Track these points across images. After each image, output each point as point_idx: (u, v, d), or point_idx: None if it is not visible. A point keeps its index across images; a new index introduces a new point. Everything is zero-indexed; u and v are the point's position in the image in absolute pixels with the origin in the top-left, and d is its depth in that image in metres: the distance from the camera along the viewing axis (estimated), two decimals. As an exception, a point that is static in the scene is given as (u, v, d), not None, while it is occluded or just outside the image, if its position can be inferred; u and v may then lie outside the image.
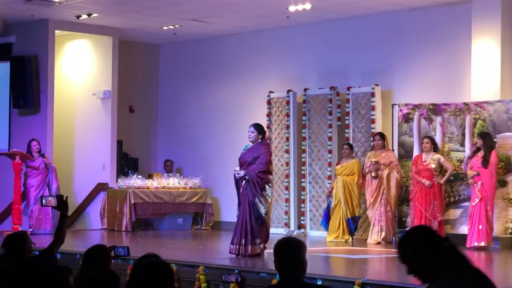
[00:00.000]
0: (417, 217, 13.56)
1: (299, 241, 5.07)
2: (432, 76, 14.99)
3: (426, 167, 13.62)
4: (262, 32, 17.36)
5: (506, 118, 13.56)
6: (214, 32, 17.66)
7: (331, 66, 16.30)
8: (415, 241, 4.27)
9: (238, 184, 11.75)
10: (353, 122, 15.52)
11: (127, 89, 18.18)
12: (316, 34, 16.64)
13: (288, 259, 4.96)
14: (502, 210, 13.39)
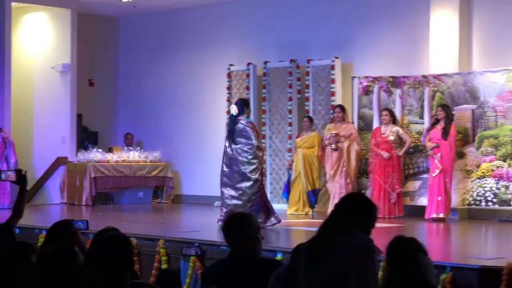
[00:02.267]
0: (376, 189, 13.66)
1: (248, 215, 5.05)
2: (391, 49, 15.03)
3: (385, 139, 13.71)
4: (222, 5, 17.29)
5: (464, 91, 13.67)
6: (174, 5, 17.56)
7: (291, 39, 16.28)
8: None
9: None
10: (313, 95, 15.55)
11: (86, 63, 18.03)
12: (276, 7, 16.60)
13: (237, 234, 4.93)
14: (460, 182, 13.53)
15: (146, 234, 10.52)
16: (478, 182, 13.40)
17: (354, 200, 4.96)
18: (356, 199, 5.00)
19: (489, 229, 12.40)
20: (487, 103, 13.42)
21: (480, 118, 13.51)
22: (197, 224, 12.31)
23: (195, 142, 17.62)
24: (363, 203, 4.90)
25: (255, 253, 4.95)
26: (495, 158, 13.29)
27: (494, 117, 13.37)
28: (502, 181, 13.16)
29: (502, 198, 13.17)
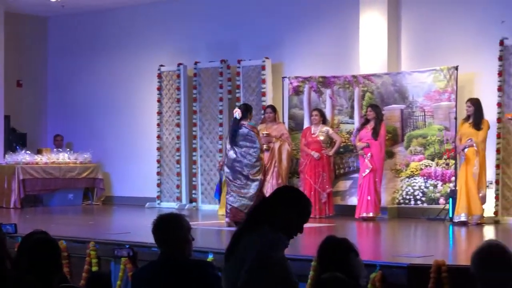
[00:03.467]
0: (307, 189, 13.71)
1: (178, 216, 5.02)
2: (321, 50, 15.14)
3: (315, 139, 13.79)
4: (152, 5, 17.20)
5: (393, 91, 13.83)
6: (104, 5, 17.42)
7: (221, 39, 16.28)
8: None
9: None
10: (243, 95, 15.57)
11: (14, 63, 17.76)
12: (206, 7, 16.58)
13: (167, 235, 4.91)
14: (389, 181, 13.69)
15: (76, 236, 10.40)
16: (407, 181, 13.58)
17: (284, 193, 4.95)
18: (287, 192, 4.98)
19: (418, 228, 12.56)
20: (416, 103, 13.61)
21: (409, 117, 13.68)
22: (128, 226, 12.23)
23: (126, 143, 17.49)
24: (293, 197, 4.88)
25: (185, 255, 4.92)
26: (423, 157, 13.48)
27: (423, 116, 13.56)
28: (431, 180, 13.36)
29: (430, 197, 13.36)
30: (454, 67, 13.20)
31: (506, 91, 12.98)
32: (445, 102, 13.32)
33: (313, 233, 11.50)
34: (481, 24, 13.54)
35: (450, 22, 13.87)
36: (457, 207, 12.42)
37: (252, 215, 4.97)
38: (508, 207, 12.86)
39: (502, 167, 12.90)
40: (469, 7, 13.71)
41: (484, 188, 12.49)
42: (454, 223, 12.33)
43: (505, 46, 13.02)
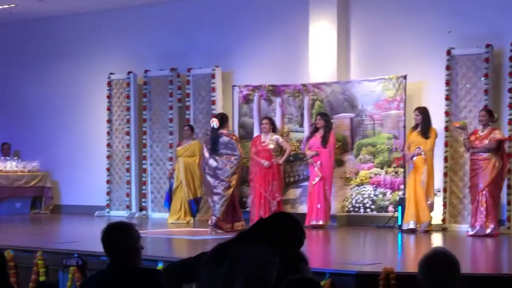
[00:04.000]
0: (257, 198, 13.72)
1: (128, 225, 4.99)
2: (271, 58, 15.18)
3: (265, 147, 13.80)
4: (102, 13, 17.10)
5: (343, 99, 13.92)
6: (54, 12, 17.27)
7: (171, 47, 16.25)
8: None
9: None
10: (193, 103, 15.55)
11: (-40, 70, 17.55)
12: (156, 16, 16.54)
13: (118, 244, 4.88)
14: (339, 189, 13.76)
15: (23, 245, 10.28)
16: (357, 189, 13.66)
17: (281, 219, 4.92)
18: (284, 219, 4.96)
19: (367, 235, 12.64)
20: (365, 111, 13.71)
21: (358, 126, 13.78)
22: (77, 235, 12.12)
23: (75, 152, 17.35)
24: (290, 225, 4.87)
25: (134, 263, 4.90)
26: (373, 166, 13.58)
27: (372, 125, 13.66)
28: (380, 188, 13.46)
29: (379, 205, 13.46)
30: (403, 76, 13.33)
31: (453, 100, 13.14)
32: (394, 111, 13.44)
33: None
34: (429, 34, 13.70)
35: (399, 31, 14.01)
36: (405, 215, 12.53)
37: (250, 232, 4.93)
38: (455, 215, 13.01)
39: (450, 175, 13.05)
40: (417, 18, 13.87)
41: (432, 196, 12.62)
42: (403, 231, 12.44)
43: (452, 56, 13.19)
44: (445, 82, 13.18)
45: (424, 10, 13.83)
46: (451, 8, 13.58)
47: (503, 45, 12.92)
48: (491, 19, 13.20)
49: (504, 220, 12.52)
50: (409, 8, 13.99)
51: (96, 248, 9.35)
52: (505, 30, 13.01)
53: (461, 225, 12.79)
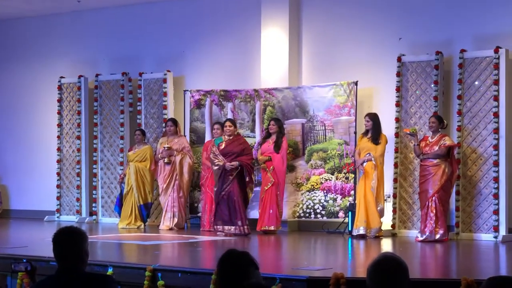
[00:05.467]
0: (208, 203, 13.72)
1: (77, 229, 4.97)
2: (223, 63, 15.20)
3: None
4: (52, 16, 16.98)
5: (294, 105, 13.97)
6: (3, 15, 17.08)
7: (123, 51, 16.18)
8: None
9: (225, 173, 12.97)
10: (145, 108, 15.49)
11: None
12: (108, 19, 16.46)
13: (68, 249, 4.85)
14: (291, 195, 13.81)
15: (-30, 251, 10.13)
16: (308, 195, 13.72)
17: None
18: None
19: (318, 241, 12.68)
20: (316, 117, 13.77)
21: (310, 131, 13.84)
22: (26, 240, 11.99)
23: (24, 156, 17.19)
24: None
25: (83, 268, 4.87)
26: (324, 171, 13.64)
27: (323, 131, 13.73)
28: (330, 194, 13.53)
29: (330, 210, 13.53)
30: (354, 82, 13.42)
31: (403, 106, 13.25)
32: (345, 117, 13.53)
33: (214, 246, 11.51)
34: (380, 40, 13.82)
35: (350, 38, 14.10)
36: (355, 221, 12.61)
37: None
38: (405, 220, 13.11)
39: (400, 181, 13.16)
40: (368, 24, 13.97)
41: (382, 202, 12.71)
42: (353, 236, 12.51)
43: (403, 63, 13.30)
44: (395, 88, 13.30)
45: (375, 17, 13.94)
46: (402, 16, 13.71)
47: (452, 52, 13.07)
48: (441, 26, 13.35)
49: (453, 226, 12.65)
50: (361, 15, 14.09)
51: (46, 253, 9.27)
52: (454, 37, 13.16)
53: (411, 231, 12.90)
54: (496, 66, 12.47)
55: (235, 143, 13.13)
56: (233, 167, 12.92)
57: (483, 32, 12.94)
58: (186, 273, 8.09)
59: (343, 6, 14.27)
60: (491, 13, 12.93)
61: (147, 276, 8.06)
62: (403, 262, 4.22)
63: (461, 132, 12.75)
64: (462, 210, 12.65)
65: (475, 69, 12.73)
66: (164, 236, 12.92)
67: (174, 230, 13.84)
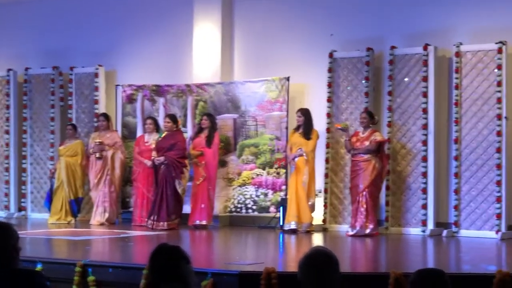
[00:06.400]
0: (139, 198, 13.69)
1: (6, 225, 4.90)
2: (155, 58, 15.13)
3: (149, 147, 13.74)
4: (-20, 8, 16.70)
5: (226, 100, 13.99)
6: None
7: (54, 45, 15.98)
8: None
9: (157, 168, 13.20)
10: (76, 102, 15.35)
11: None
12: (38, 12, 16.25)
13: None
14: (222, 190, 13.82)
15: None
16: (239, 190, 13.75)
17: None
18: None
19: (249, 236, 12.72)
20: (248, 112, 13.81)
21: (241, 127, 13.86)
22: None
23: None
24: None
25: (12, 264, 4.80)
26: (255, 166, 13.69)
27: (255, 126, 13.77)
28: (262, 189, 13.58)
29: (261, 205, 13.58)
30: (286, 78, 13.48)
31: (335, 102, 13.36)
32: (277, 112, 13.58)
33: (145, 241, 11.47)
34: (312, 36, 13.90)
35: (283, 34, 14.17)
36: (287, 216, 12.67)
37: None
38: (336, 215, 13.23)
39: (331, 176, 13.27)
40: (301, 20, 14.05)
41: (313, 197, 12.81)
42: (285, 231, 12.57)
43: (334, 59, 13.41)
44: (327, 84, 13.40)
45: (308, 13, 14.02)
46: (334, 12, 13.81)
47: (383, 48, 13.22)
48: (372, 23, 13.49)
49: (382, 221, 12.80)
50: (293, 11, 14.16)
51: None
52: (385, 34, 13.31)
53: (342, 226, 13.01)
54: (425, 63, 12.66)
55: (168, 139, 13.15)
56: (160, 161, 12.98)
57: (413, 29, 13.11)
58: (117, 268, 8.05)
59: (276, 2, 14.33)
60: (421, 10, 13.11)
61: (77, 271, 7.99)
62: (334, 256, 4.27)
63: (391, 127, 12.91)
64: (392, 204, 12.82)
65: (405, 66, 12.90)
66: (95, 231, 12.83)
67: (105, 225, 13.75)
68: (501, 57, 12.15)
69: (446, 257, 10.68)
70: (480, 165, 12.28)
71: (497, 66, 12.19)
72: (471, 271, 8.23)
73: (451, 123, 12.58)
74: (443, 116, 12.76)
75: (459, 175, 12.42)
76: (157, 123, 14.03)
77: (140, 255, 9.82)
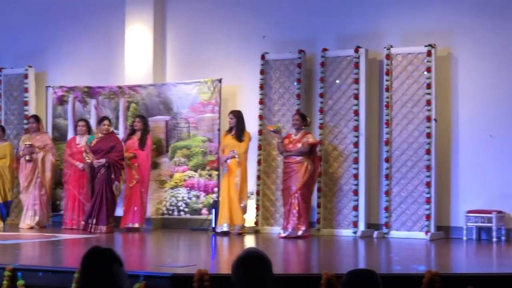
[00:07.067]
0: (71, 200, 13.56)
1: None
2: (87, 59, 15.01)
3: (80, 149, 13.61)
4: None
5: (158, 102, 13.93)
6: None
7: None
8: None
9: (94, 171, 13.01)
10: (5, 104, 15.13)
11: None
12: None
13: None
14: (154, 192, 13.76)
15: None
16: (171, 192, 13.70)
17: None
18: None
19: (181, 238, 12.68)
20: (180, 114, 13.77)
21: (174, 129, 13.82)
22: None
23: None
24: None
25: None
26: (187, 168, 13.66)
27: (187, 128, 13.74)
28: (194, 191, 13.56)
29: (193, 208, 13.55)
30: (218, 79, 13.49)
31: (267, 104, 13.41)
32: (209, 114, 13.58)
33: (77, 244, 11.36)
34: (244, 39, 13.94)
35: (215, 36, 14.17)
36: (219, 218, 12.68)
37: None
38: (268, 217, 13.27)
39: (263, 178, 13.31)
40: (233, 22, 14.08)
41: (246, 199, 12.83)
42: (217, 233, 12.58)
43: (266, 60, 13.46)
44: (259, 86, 13.44)
45: (240, 15, 14.06)
46: (266, 14, 13.86)
47: (315, 51, 13.31)
48: (304, 25, 13.57)
49: (314, 222, 12.89)
50: (226, 13, 14.18)
51: None
52: (317, 36, 13.41)
53: (274, 227, 13.06)
54: (356, 65, 12.79)
55: (106, 141, 13.07)
56: (100, 164, 12.82)
57: (344, 32, 13.24)
58: (48, 272, 7.95)
59: (208, 3, 14.33)
60: (352, 13, 13.24)
61: (6, 276, 7.87)
62: (267, 258, 4.28)
63: (323, 129, 13.00)
64: (324, 206, 12.91)
65: (336, 68, 13.01)
66: (25, 235, 12.66)
67: (36, 229, 13.57)
68: (431, 59, 12.33)
69: (377, 257, 10.80)
70: (410, 166, 12.45)
71: (426, 68, 12.38)
72: (401, 272, 8.35)
73: (382, 125, 12.73)
74: (374, 118, 12.90)
75: (389, 176, 12.57)
76: (89, 125, 13.92)
77: (71, 259, 9.73)
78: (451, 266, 9.96)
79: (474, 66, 12.45)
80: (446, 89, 12.52)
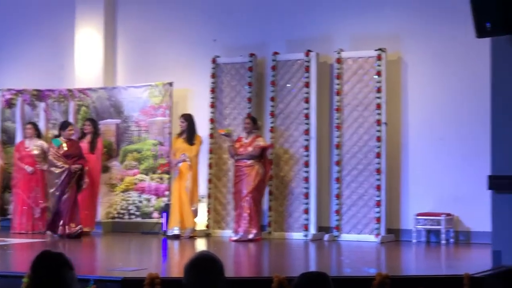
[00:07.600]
0: (20, 204, 13.43)
1: None
2: (36, 62, 14.89)
3: (29, 153, 13.50)
4: None
5: (109, 105, 13.86)
6: None
7: None
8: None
9: (70, 176, 12.67)
10: (-47, 107, 14.94)
11: None
12: None
13: None
14: (105, 195, 13.68)
15: None
16: (122, 196, 13.64)
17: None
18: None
19: (132, 242, 12.64)
20: (131, 117, 13.72)
21: (124, 132, 13.77)
22: None
23: None
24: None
25: None
26: (138, 172, 13.61)
27: (138, 131, 13.69)
28: (145, 194, 13.51)
29: (144, 211, 13.51)
30: (169, 83, 13.47)
31: (218, 108, 13.41)
32: (160, 118, 13.54)
33: (25, 248, 11.25)
34: (195, 42, 13.93)
35: (166, 39, 14.15)
36: (170, 221, 12.65)
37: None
38: (219, 220, 13.27)
39: (214, 182, 13.30)
40: (184, 26, 14.06)
41: (197, 202, 12.82)
42: (168, 237, 12.54)
43: (217, 64, 13.46)
44: (210, 89, 13.44)
45: (191, 19, 14.04)
46: (217, 17, 13.87)
47: (266, 54, 13.34)
48: (255, 29, 13.60)
49: (265, 226, 12.91)
50: (176, 16, 14.15)
51: None
52: (268, 40, 13.44)
53: (225, 231, 13.06)
54: (307, 69, 12.85)
55: (74, 146, 12.91)
56: (77, 169, 12.67)
57: (295, 35, 13.29)
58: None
59: (159, 7, 14.29)
60: (303, 17, 13.29)
61: (-46, 281, 7.78)
62: (219, 261, 4.28)
63: (274, 133, 13.03)
64: (275, 209, 12.94)
65: (287, 72, 13.06)
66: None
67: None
68: (381, 63, 12.43)
69: (328, 260, 10.86)
70: (361, 170, 12.53)
71: (376, 72, 12.47)
72: (352, 274, 8.40)
73: (333, 128, 12.80)
74: (325, 121, 12.96)
75: (340, 179, 12.64)
76: (38, 128, 13.79)
77: (19, 263, 9.62)
78: (401, 268, 10.05)
79: (423, 70, 12.58)
80: (396, 93, 12.63)
